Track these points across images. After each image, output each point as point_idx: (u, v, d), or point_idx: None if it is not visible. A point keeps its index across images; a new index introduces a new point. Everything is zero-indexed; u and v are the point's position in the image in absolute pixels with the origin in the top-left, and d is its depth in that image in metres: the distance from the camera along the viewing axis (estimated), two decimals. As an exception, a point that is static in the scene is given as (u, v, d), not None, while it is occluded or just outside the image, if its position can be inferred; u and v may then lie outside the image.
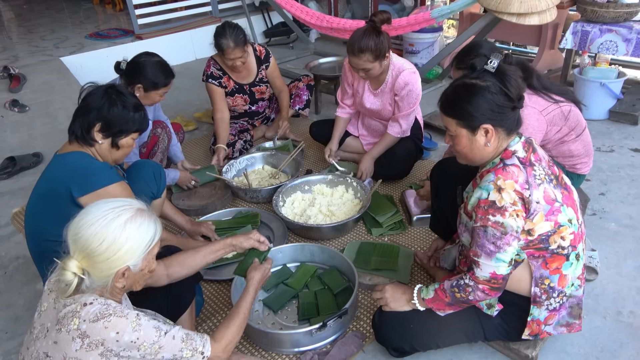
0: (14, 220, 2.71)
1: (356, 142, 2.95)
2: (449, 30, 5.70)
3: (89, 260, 1.16)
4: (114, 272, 1.18)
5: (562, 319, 1.53)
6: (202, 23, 5.59)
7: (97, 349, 1.13)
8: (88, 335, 1.13)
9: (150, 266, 1.28)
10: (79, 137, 1.69)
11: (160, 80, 2.34)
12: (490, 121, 1.39)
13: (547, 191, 1.38)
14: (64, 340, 1.13)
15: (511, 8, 2.97)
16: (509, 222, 1.34)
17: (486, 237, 1.36)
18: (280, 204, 2.50)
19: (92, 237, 1.15)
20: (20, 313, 2.09)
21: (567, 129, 2.12)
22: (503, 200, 1.34)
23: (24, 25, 6.49)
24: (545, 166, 1.43)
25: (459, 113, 1.43)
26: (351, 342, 1.76)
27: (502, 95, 1.39)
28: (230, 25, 2.85)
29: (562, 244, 1.41)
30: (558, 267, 1.44)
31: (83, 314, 1.14)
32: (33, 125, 3.78)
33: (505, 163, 1.40)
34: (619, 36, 3.24)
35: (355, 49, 2.37)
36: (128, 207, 1.21)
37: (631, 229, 2.31)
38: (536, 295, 1.47)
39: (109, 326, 1.13)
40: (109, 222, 1.16)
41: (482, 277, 1.39)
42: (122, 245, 1.17)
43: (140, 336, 1.16)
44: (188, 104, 4.30)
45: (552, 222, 1.39)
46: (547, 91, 2.06)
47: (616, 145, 3.09)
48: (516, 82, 1.40)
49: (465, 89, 1.42)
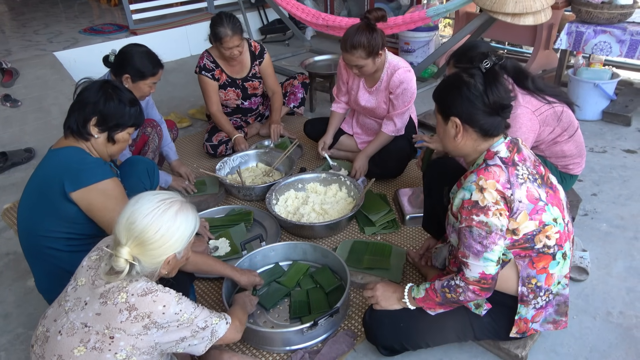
0: (5, 216, 2.69)
1: (350, 140, 2.95)
2: (445, 29, 5.70)
3: (142, 248, 1.23)
4: (163, 259, 1.27)
5: (548, 317, 1.54)
6: (198, 19, 5.57)
7: (142, 320, 1.21)
8: (136, 308, 1.21)
9: (188, 254, 1.38)
10: (74, 131, 1.69)
11: (147, 69, 2.30)
12: (460, 116, 1.43)
13: (530, 190, 1.38)
14: (109, 312, 1.21)
15: (506, 8, 2.98)
16: (493, 221, 1.35)
17: (472, 238, 1.37)
18: (273, 202, 2.50)
19: (149, 226, 1.22)
20: (10, 310, 2.07)
21: (559, 130, 2.13)
22: (485, 199, 1.35)
23: (18, 19, 6.44)
24: (529, 166, 1.43)
25: (437, 98, 1.51)
26: (342, 340, 1.76)
27: (480, 96, 1.40)
28: (227, 15, 2.83)
29: (547, 243, 1.42)
30: (545, 267, 1.44)
31: (130, 289, 1.22)
32: (25, 121, 3.75)
33: (487, 163, 1.41)
34: (613, 37, 3.26)
35: (348, 46, 2.37)
36: (176, 199, 1.30)
37: (622, 230, 2.32)
38: (523, 294, 1.47)
39: (157, 300, 1.23)
40: (163, 213, 1.25)
41: (472, 277, 1.40)
42: (173, 234, 1.26)
43: (182, 308, 1.27)
44: (182, 100, 4.28)
45: (536, 221, 1.39)
46: (541, 93, 2.06)
47: (609, 146, 3.10)
48: (500, 91, 1.40)
49: (452, 78, 1.47)
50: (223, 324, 1.41)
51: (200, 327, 1.33)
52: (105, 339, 1.20)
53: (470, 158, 1.50)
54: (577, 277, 2.02)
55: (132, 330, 1.21)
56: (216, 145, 3.11)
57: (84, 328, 1.22)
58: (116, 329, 1.20)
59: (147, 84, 2.36)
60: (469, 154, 1.49)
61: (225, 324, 1.42)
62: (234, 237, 2.33)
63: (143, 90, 2.36)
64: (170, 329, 1.26)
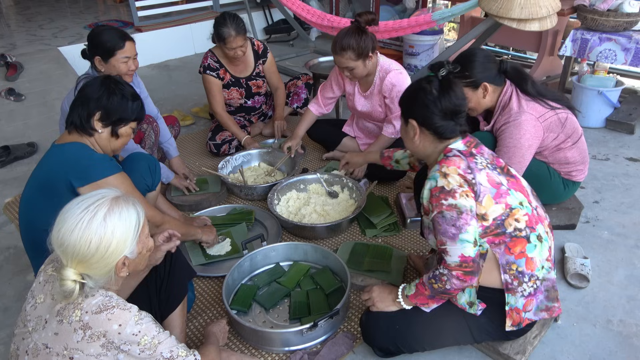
0: (7, 210, 2.69)
1: (353, 142, 2.96)
2: (450, 33, 5.70)
3: (85, 264, 1.15)
4: (113, 266, 1.19)
5: (540, 304, 1.54)
6: (203, 17, 5.57)
7: (98, 340, 1.14)
8: (90, 327, 1.14)
9: (147, 246, 1.29)
10: (78, 126, 1.70)
11: (111, 43, 2.20)
12: (417, 119, 1.55)
13: (490, 175, 1.46)
14: (65, 331, 1.14)
15: (512, 13, 2.98)
16: (462, 202, 1.41)
17: (445, 222, 1.42)
18: (275, 202, 2.50)
19: (78, 243, 1.13)
20: (9, 304, 2.07)
21: (563, 136, 2.13)
22: (450, 184, 1.43)
23: (23, 14, 6.45)
24: (487, 157, 1.53)
25: (400, 102, 1.63)
26: (342, 342, 1.76)
27: (435, 101, 1.50)
28: (230, 15, 2.84)
29: (518, 226, 1.45)
30: (522, 251, 1.46)
31: (85, 306, 1.15)
32: (29, 115, 3.75)
33: (446, 155, 1.51)
34: (618, 45, 3.26)
35: (338, 47, 2.41)
36: (101, 200, 1.19)
37: (624, 238, 2.32)
38: (507, 282, 1.48)
39: (112, 318, 1.14)
40: (88, 223, 1.14)
41: (453, 262, 1.42)
42: (110, 240, 1.16)
43: (142, 329, 1.18)
44: (186, 98, 4.28)
45: (502, 205, 1.44)
46: (542, 97, 2.07)
47: (612, 153, 3.10)
48: (452, 98, 1.50)
49: (413, 84, 1.60)
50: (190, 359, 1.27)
51: (165, 357, 1.21)
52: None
53: (432, 159, 1.60)
54: (577, 285, 2.02)
55: (89, 351, 1.13)
56: (219, 144, 3.11)
57: (46, 349, 1.16)
58: (74, 350, 1.13)
59: (119, 60, 2.23)
60: (430, 154, 1.60)
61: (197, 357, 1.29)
62: (235, 236, 2.33)
63: (119, 69, 2.24)
64: (132, 354, 1.17)
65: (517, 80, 2.07)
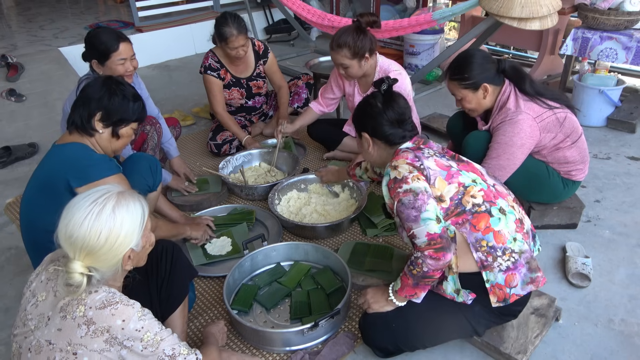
0: (8, 211, 2.70)
1: (353, 142, 2.95)
2: (450, 33, 5.70)
3: (93, 257, 1.17)
4: (120, 258, 1.21)
5: (525, 277, 1.53)
6: (203, 17, 5.57)
7: (102, 335, 1.15)
8: (94, 322, 1.15)
9: (149, 240, 1.32)
10: (79, 127, 1.70)
11: (106, 46, 2.20)
12: (368, 131, 1.70)
13: (438, 160, 1.56)
14: (68, 326, 1.15)
15: (512, 12, 2.97)
16: (415, 185, 1.48)
17: (405, 207, 1.48)
18: (275, 202, 2.50)
19: (88, 234, 1.15)
20: (10, 304, 2.07)
21: (562, 136, 2.12)
22: (401, 173, 1.52)
23: (24, 14, 6.46)
24: (436, 150, 1.63)
25: (352, 119, 1.78)
26: (342, 342, 1.76)
27: (380, 113, 1.65)
28: (231, 14, 2.83)
29: (475, 202, 1.50)
30: (487, 226, 1.49)
31: (89, 302, 1.16)
32: (30, 115, 3.76)
33: (396, 154, 1.62)
34: (619, 44, 3.25)
35: (334, 44, 2.45)
36: (108, 194, 1.21)
37: (625, 237, 2.31)
38: (482, 260, 1.49)
39: (116, 313, 1.16)
40: (97, 215, 1.16)
41: (422, 243, 1.45)
42: (119, 231, 1.18)
43: (145, 325, 1.19)
44: (186, 98, 4.28)
45: (455, 184, 1.51)
46: (540, 96, 2.06)
47: (613, 152, 3.09)
48: (395, 108, 1.65)
49: (362, 102, 1.76)
50: (192, 358, 1.27)
51: (167, 354, 1.22)
52: (69, 356, 1.14)
53: (380, 163, 1.75)
54: (579, 284, 2.02)
55: (93, 346, 1.14)
56: (220, 145, 3.11)
57: (49, 345, 1.16)
58: (77, 345, 1.14)
59: (115, 63, 2.23)
60: (385, 161, 1.71)
61: (194, 358, 1.29)
62: (235, 236, 2.33)
63: (116, 71, 2.24)
64: (134, 350, 1.18)
65: (516, 80, 2.07)
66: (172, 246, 1.67)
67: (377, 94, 1.70)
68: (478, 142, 2.17)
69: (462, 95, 2.10)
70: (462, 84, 2.07)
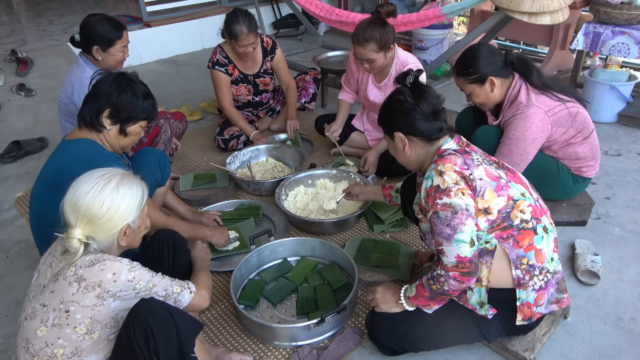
0: (18, 205, 2.72)
1: (361, 137, 2.94)
2: (459, 27, 5.65)
3: (93, 225, 1.27)
4: (117, 230, 1.30)
5: (551, 297, 1.52)
6: (211, 12, 5.57)
7: (93, 290, 1.22)
8: (85, 279, 1.22)
9: (145, 223, 1.41)
10: (87, 122, 1.72)
11: (111, 34, 2.32)
12: (402, 130, 1.54)
13: (488, 170, 1.46)
14: (60, 287, 1.23)
15: (523, 7, 2.94)
16: (456, 202, 1.38)
17: (440, 222, 1.40)
18: (282, 197, 2.50)
19: (92, 202, 1.26)
20: (20, 297, 2.10)
21: (573, 131, 2.10)
22: (445, 182, 1.41)
23: (33, 9, 6.49)
24: (481, 154, 1.53)
25: (380, 122, 1.64)
26: (349, 337, 1.76)
27: (413, 107, 1.52)
28: (242, 12, 2.82)
29: (524, 218, 1.44)
30: (530, 243, 1.45)
31: (79, 262, 1.25)
32: (39, 110, 3.79)
33: (441, 155, 1.49)
34: (632, 39, 3.20)
35: (361, 39, 2.39)
36: (114, 173, 1.34)
37: (635, 235, 2.29)
38: (519, 277, 1.46)
39: (105, 268, 1.24)
40: (103, 187, 1.28)
41: (450, 263, 1.40)
42: (120, 204, 1.29)
43: (136, 275, 1.28)
44: (194, 93, 4.29)
45: (504, 197, 1.43)
46: (548, 89, 2.04)
47: (624, 149, 3.06)
48: (428, 98, 1.53)
49: (386, 101, 1.61)
50: (186, 293, 1.40)
51: (160, 295, 1.32)
52: (62, 314, 1.21)
53: (427, 164, 1.57)
54: (588, 282, 2.00)
55: (85, 302, 1.21)
56: (227, 140, 3.12)
57: (43, 308, 1.23)
58: (69, 302, 1.21)
59: (117, 49, 2.36)
60: (423, 161, 1.58)
61: (188, 293, 1.41)
62: (242, 231, 2.33)
63: (117, 57, 2.38)
64: (127, 298, 1.26)
65: (524, 71, 2.05)
66: (173, 235, 1.72)
67: (403, 89, 1.57)
68: (487, 136, 2.15)
69: (469, 90, 2.09)
70: (468, 79, 2.05)
